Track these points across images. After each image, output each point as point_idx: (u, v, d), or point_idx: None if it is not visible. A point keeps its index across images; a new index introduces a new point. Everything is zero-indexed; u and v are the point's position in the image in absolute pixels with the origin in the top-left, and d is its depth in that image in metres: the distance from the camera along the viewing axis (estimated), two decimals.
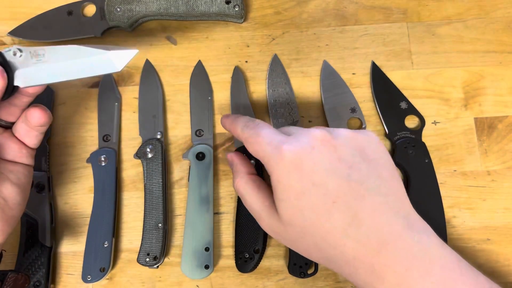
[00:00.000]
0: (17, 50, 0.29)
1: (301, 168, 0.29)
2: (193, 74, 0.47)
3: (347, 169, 0.29)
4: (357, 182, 0.29)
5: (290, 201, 0.30)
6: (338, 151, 0.30)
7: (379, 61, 0.47)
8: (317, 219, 0.29)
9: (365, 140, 0.31)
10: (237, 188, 0.35)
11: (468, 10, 0.49)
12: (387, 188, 0.30)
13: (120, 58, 0.28)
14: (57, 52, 0.29)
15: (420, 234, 0.29)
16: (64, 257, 0.43)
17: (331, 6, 0.49)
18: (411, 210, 0.31)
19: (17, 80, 0.29)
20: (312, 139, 0.30)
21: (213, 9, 0.46)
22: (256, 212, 0.33)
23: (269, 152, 0.31)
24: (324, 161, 0.29)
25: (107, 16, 0.46)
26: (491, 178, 0.44)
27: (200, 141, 0.45)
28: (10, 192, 0.33)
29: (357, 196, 0.29)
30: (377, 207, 0.29)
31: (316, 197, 0.29)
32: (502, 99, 0.46)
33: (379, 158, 0.31)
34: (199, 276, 0.40)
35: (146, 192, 0.42)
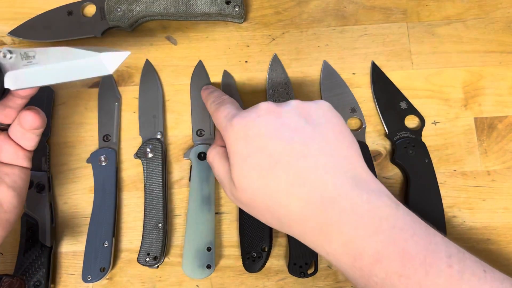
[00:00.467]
0: (7, 51, 0.28)
1: (247, 135, 0.31)
2: (194, 74, 0.47)
3: (290, 132, 0.31)
4: (300, 144, 0.30)
5: (239, 165, 0.32)
6: (283, 117, 0.32)
7: (379, 61, 0.47)
8: (263, 180, 0.30)
9: (312, 107, 0.33)
10: (208, 157, 0.37)
11: (468, 10, 0.49)
12: (333, 149, 0.31)
13: (112, 60, 0.28)
14: (48, 53, 0.28)
15: (370, 194, 0.29)
16: (64, 257, 0.43)
17: (331, 6, 0.49)
18: (363, 171, 0.31)
19: (7, 82, 0.29)
20: (259, 110, 0.32)
21: (213, 9, 0.46)
22: (221, 180, 0.35)
23: (224, 124, 0.34)
24: (268, 127, 0.31)
25: (107, 16, 0.46)
26: (491, 178, 0.44)
27: (201, 140, 0.45)
28: (6, 195, 0.32)
29: (300, 156, 0.30)
30: (321, 166, 0.30)
31: (260, 159, 0.30)
32: (502, 99, 0.46)
33: (327, 123, 0.32)
34: (201, 276, 0.40)
35: (146, 192, 0.42)
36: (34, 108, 0.32)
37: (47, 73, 0.28)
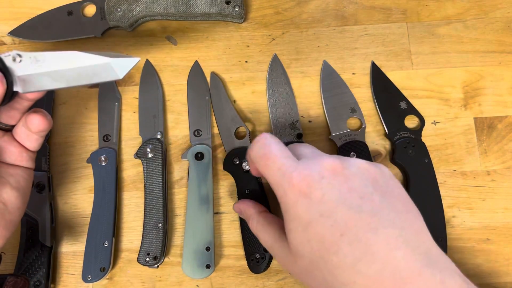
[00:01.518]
0: (16, 55, 0.28)
1: (309, 198, 0.28)
2: (190, 75, 0.47)
3: (358, 199, 0.28)
4: (369, 214, 0.27)
5: (298, 231, 0.29)
6: (349, 181, 0.28)
7: (379, 61, 0.47)
8: (325, 252, 0.27)
9: (377, 172, 0.30)
10: (252, 229, 0.35)
11: (467, 10, 0.49)
12: (403, 220, 0.27)
13: (122, 66, 0.27)
14: (58, 58, 0.28)
15: (443, 273, 0.26)
16: (64, 257, 0.43)
17: (331, 6, 0.49)
18: (433, 245, 0.28)
19: (16, 85, 0.29)
20: (323, 168, 0.29)
21: (213, 9, 0.46)
22: (270, 247, 0.33)
23: (278, 179, 0.30)
24: (334, 191, 0.28)
25: (107, 16, 0.46)
26: (491, 178, 0.44)
27: (198, 141, 0.45)
28: (10, 196, 0.32)
29: (368, 228, 0.27)
30: (392, 241, 0.26)
31: (323, 229, 0.27)
32: (501, 99, 0.46)
33: (393, 191, 0.29)
34: (201, 275, 0.41)
35: (146, 192, 0.42)
36: (40, 110, 0.32)
37: (56, 78, 0.28)
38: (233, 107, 0.46)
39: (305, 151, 0.32)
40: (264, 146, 0.31)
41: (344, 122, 0.45)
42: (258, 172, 0.33)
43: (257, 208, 0.36)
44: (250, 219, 0.36)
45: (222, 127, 0.45)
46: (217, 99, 0.46)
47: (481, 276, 0.42)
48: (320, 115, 0.46)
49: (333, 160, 0.29)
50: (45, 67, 0.28)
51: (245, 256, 0.42)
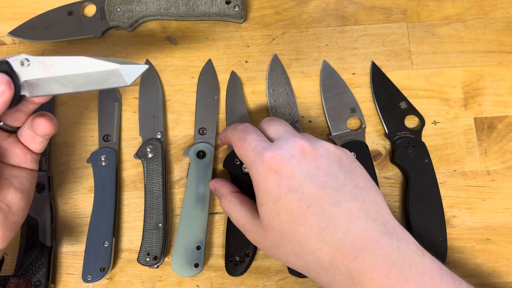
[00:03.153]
0: (24, 59, 0.28)
1: (279, 174, 0.31)
2: (202, 72, 0.47)
3: (324, 176, 0.31)
4: (334, 189, 0.30)
5: (268, 205, 0.31)
6: (317, 160, 0.31)
7: (379, 61, 0.47)
8: (293, 223, 0.30)
9: (342, 154, 0.33)
10: (223, 208, 0.37)
11: (467, 10, 0.49)
12: (364, 195, 0.31)
13: (130, 72, 0.27)
14: (66, 63, 0.28)
15: (399, 241, 0.29)
16: (64, 256, 0.43)
17: (331, 6, 0.49)
18: (390, 218, 0.31)
19: (23, 89, 0.28)
20: (293, 149, 0.32)
21: (213, 9, 0.46)
22: (241, 225, 0.35)
23: (252, 158, 0.33)
24: (302, 168, 0.31)
25: (107, 16, 0.46)
26: (491, 178, 0.44)
27: (202, 139, 0.45)
28: (14, 198, 0.32)
29: (332, 202, 0.30)
30: (354, 213, 0.29)
31: (292, 202, 0.30)
32: (501, 99, 0.46)
33: (356, 170, 0.33)
34: (188, 274, 0.40)
35: (146, 192, 0.42)
36: (47, 114, 0.32)
37: (64, 83, 0.28)
38: (246, 109, 0.46)
39: (279, 129, 0.35)
40: (244, 131, 0.35)
41: (344, 122, 0.45)
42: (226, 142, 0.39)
43: (230, 188, 0.38)
44: (223, 197, 0.38)
45: None
46: (232, 98, 0.46)
47: (481, 276, 0.42)
48: (320, 115, 0.46)
49: (304, 141, 0.32)
50: (53, 72, 0.28)
51: (225, 256, 0.42)
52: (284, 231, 0.31)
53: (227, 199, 0.37)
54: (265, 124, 0.37)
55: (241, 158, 0.35)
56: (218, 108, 0.46)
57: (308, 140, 0.33)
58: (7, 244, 0.32)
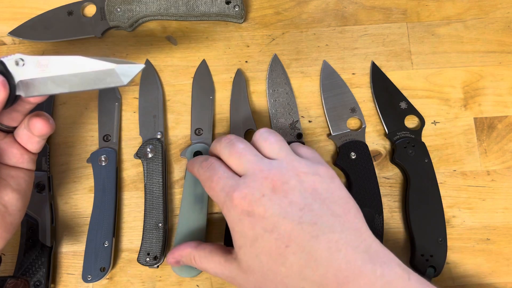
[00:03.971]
0: (19, 59, 0.28)
1: (252, 215, 0.30)
2: (197, 73, 0.47)
3: (299, 211, 0.29)
4: (309, 223, 0.29)
5: (246, 247, 0.30)
6: (289, 195, 0.30)
7: (379, 61, 0.47)
8: (273, 264, 0.29)
9: (317, 180, 0.31)
10: (198, 267, 0.35)
11: (467, 10, 0.49)
12: (342, 223, 0.30)
13: (127, 72, 0.27)
14: (62, 63, 0.27)
15: (383, 266, 0.28)
16: (64, 256, 0.43)
17: (331, 6, 0.49)
18: (373, 242, 0.30)
19: (19, 89, 0.28)
20: (262, 186, 0.30)
21: (213, 9, 0.46)
22: (220, 274, 0.33)
23: (222, 199, 0.32)
24: (275, 206, 0.30)
25: (107, 16, 0.46)
26: (491, 178, 0.44)
27: (199, 140, 0.45)
28: (11, 198, 0.32)
29: (310, 237, 0.29)
30: (333, 245, 0.28)
31: (269, 242, 0.29)
32: (501, 99, 0.46)
33: (333, 194, 0.31)
34: (188, 274, 0.40)
35: (146, 192, 0.42)
36: (43, 114, 0.32)
37: (60, 82, 0.28)
38: (249, 109, 0.46)
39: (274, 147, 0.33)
40: (210, 168, 0.34)
41: (344, 122, 0.45)
42: None
43: (191, 244, 0.36)
44: (191, 258, 0.35)
45: (234, 125, 0.45)
46: (236, 96, 0.46)
47: (481, 276, 0.42)
48: (320, 115, 0.46)
49: (273, 176, 0.31)
50: (49, 71, 0.28)
51: None
52: (265, 272, 0.30)
53: (196, 256, 0.35)
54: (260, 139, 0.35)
55: (212, 198, 0.34)
56: (214, 108, 0.46)
57: (278, 173, 0.31)
58: (4, 245, 0.32)
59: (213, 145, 0.36)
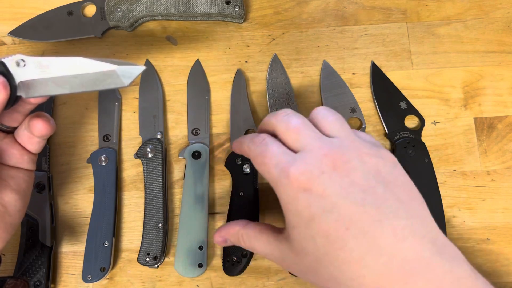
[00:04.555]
0: (20, 60, 0.27)
1: (310, 193, 0.27)
2: (191, 73, 0.47)
3: (361, 193, 0.27)
4: (373, 207, 0.26)
5: (300, 228, 0.28)
6: (351, 175, 0.27)
7: (379, 61, 0.47)
8: (330, 248, 0.26)
9: (380, 163, 0.29)
10: (246, 246, 0.33)
11: (467, 10, 0.49)
12: (408, 210, 0.27)
13: (128, 73, 0.27)
14: (63, 64, 0.27)
15: (451, 262, 0.25)
16: (64, 256, 0.43)
17: (331, 6, 0.49)
18: (439, 233, 0.27)
19: (19, 90, 0.28)
20: (322, 163, 0.28)
21: (213, 9, 0.46)
22: (269, 254, 0.31)
23: (276, 176, 0.29)
24: (335, 186, 0.27)
25: (108, 16, 0.46)
26: (491, 178, 0.44)
27: (196, 140, 0.45)
28: (10, 198, 0.32)
29: (373, 221, 0.26)
30: (398, 232, 0.26)
31: (326, 224, 0.26)
32: (501, 99, 0.46)
33: (396, 180, 0.29)
34: (192, 274, 0.41)
35: (146, 192, 0.43)
36: (43, 114, 0.32)
37: (61, 84, 0.28)
38: (249, 108, 0.46)
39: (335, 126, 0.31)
40: (262, 144, 0.31)
41: None
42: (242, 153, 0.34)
43: (239, 223, 0.34)
44: (238, 237, 0.33)
45: (234, 125, 0.45)
46: (236, 96, 0.46)
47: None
48: None
49: (334, 154, 0.28)
50: (50, 72, 0.27)
51: (222, 256, 0.42)
52: (320, 256, 0.27)
53: (243, 236, 0.33)
54: (318, 117, 0.32)
55: (263, 175, 0.30)
56: (209, 108, 0.46)
57: (339, 151, 0.28)
58: (4, 245, 0.32)
59: (267, 119, 0.33)
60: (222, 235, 0.34)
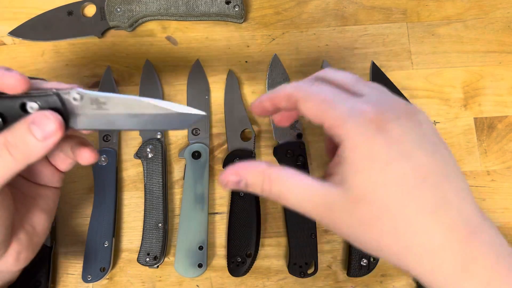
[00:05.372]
0: (77, 95, 0.27)
1: (388, 135, 0.25)
2: (191, 73, 0.47)
3: (432, 145, 0.26)
4: (442, 162, 0.25)
5: (371, 171, 0.25)
6: (422, 127, 0.26)
7: (379, 61, 0.47)
8: (403, 197, 0.24)
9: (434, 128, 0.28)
10: (272, 193, 0.27)
11: (467, 10, 0.49)
12: (462, 175, 0.27)
13: (186, 117, 0.27)
14: (121, 102, 0.27)
15: (493, 229, 0.25)
16: (64, 257, 0.43)
17: (331, 6, 0.49)
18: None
19: (71, 122, 0.27)
20: (398, 108, 0.26)
21: (213, 9, 0.46)
22: (307, 202, 0.27)
23: (345, 113, 0.26)
24: (412, 132, 0.25)
25: (107, 16, 0.46)
26: (491, 178, 0.44)
27: (196, 140, 0.45)
28: (39, 218, 0.31)
29: (443, 175, 0.25)
30: (460, 191, 0.25)
31: (404, 171, 0.25)
32: (501, 99, 0.46)
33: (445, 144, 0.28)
34: (192, 274, 0.41)
35: (146, 192, 0.42)
36: (88, 143, 0.31)
37: (115, 121, 0.27)
38: (244, 108, 0.46)
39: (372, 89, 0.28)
40: (321, 91, 0.28)
41: None
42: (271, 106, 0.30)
43: (263, 162, 0.28)
44: (263, 177, 0.27)
45: (229, 126, 0.45)
46: (230, 97, 0.46)
47: None
48: None
49: (402, 102, 0.27)
50: (106, 109, 0.27)
51: (226, 257, 0.42)
52: (388, 205, 0.25)
53: (271, 176, 0.27)
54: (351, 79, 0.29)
55: (318, 118, 0.27)
56: (209, 108, 0.46)
57: (404, 102, 0.27)
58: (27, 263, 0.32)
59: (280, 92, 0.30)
60: (239, 173, 0.28)
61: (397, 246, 0.25)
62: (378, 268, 0.42)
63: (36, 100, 0.26)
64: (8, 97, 0.26)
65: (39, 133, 0.26)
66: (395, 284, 0.42)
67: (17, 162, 0.26)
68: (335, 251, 0.43)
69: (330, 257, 0.43)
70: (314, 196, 0.26)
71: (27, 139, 0.26)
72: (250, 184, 0.28)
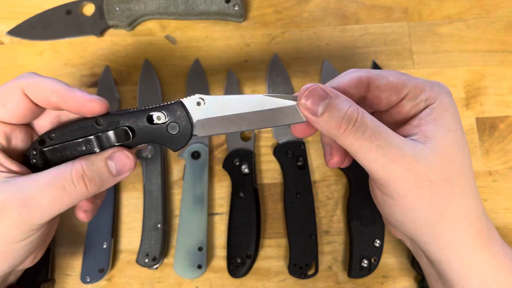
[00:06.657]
0: (200, 99, 0.28)
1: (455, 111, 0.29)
2: (190, 73, 0.47)
3: None
4: None
5: (457, 132, 0.28)
6: None
7: (380, 61, 0.47)
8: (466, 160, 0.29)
9: None
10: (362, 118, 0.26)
11: (469, 9, 0.48)
12: None
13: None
14: (242, 101, 0.28)
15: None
16: (63, 257, 0.42)
17: (331, 5, 0.49)
18: None
19: (196, 129, 0.28)
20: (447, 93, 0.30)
21: (213, 8, 0.46)
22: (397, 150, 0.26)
23: (425, 81, 0.29)
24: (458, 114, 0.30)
25: (106, 15, 0.46)
26: (493, 178, 0.44)
27: (195, 140, 0.44)
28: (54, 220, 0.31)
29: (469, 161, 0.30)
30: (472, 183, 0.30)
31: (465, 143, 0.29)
32: (503, 98, 0.46)
33: None
34: (192, 275, 0.40)
35: (146, 193, 0.42)
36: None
37: (238, 121, 0.28)
38: None
39: None
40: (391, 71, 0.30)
41: None
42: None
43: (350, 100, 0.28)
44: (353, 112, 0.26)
45: None
46: None
47: None
48: None
49: None
50: (228, 110, 0.28)
51: (226, 258, 0.41)
52: (466, 164, 0.29)
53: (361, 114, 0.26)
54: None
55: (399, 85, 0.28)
56: None
57: None
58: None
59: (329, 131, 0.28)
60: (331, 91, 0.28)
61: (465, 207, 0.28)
62: (379, 269, 0.42)
63: (161, 110, 0.28)
64: (135, 111, 0.29)
65: (115, 169, 0.28)
66: (396, 285, 0.42)
67: (89, 193, 0.28)
68: (336, 252, 0.43)
69: (331, 258, 0.42)
70: (404, 147, 0.27)
71: (103, 174, 0.28)
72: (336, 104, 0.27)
